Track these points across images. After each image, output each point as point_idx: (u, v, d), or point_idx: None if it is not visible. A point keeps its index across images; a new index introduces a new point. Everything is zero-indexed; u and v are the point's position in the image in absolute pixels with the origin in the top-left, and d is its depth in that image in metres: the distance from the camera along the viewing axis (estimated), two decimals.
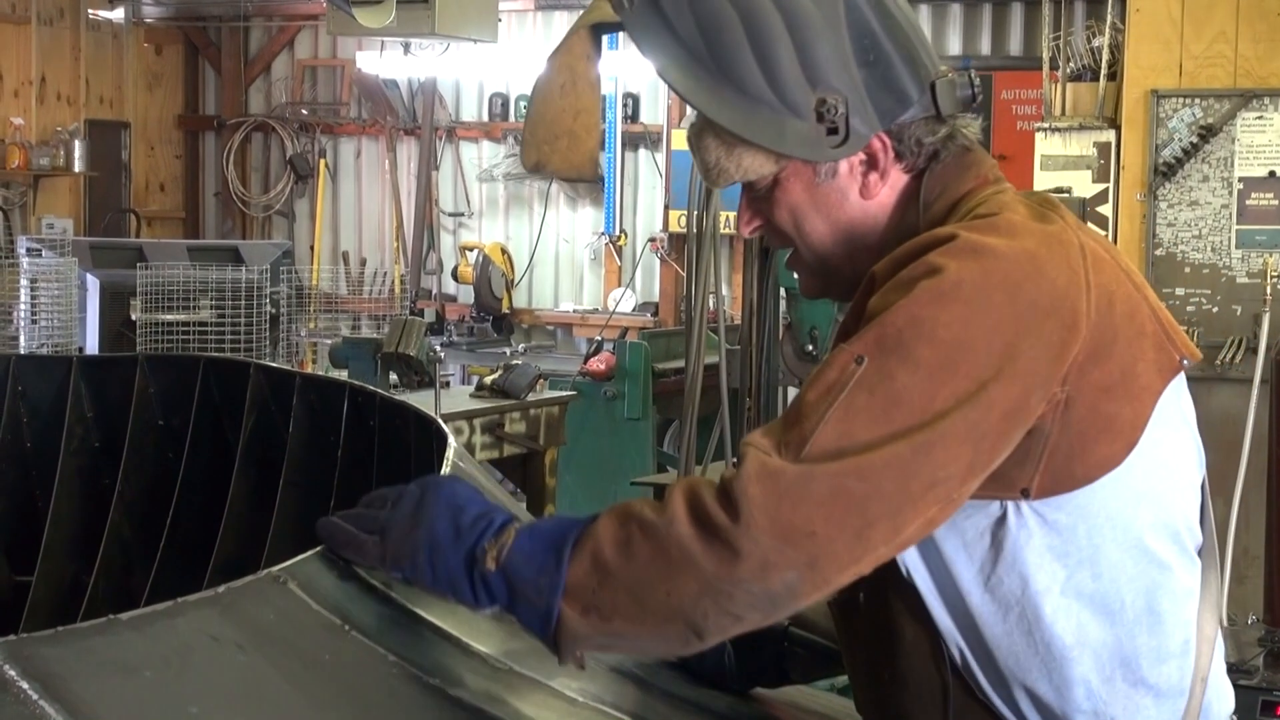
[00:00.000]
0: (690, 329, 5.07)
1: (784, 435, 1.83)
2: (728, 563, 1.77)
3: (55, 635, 1.53)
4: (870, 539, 1.80)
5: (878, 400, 1.82)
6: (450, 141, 13.23)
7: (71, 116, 12.99)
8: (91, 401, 4.07)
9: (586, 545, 1.82)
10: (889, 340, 1.84)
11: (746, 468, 1.81)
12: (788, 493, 1.78)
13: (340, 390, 3.65)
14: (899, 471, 1.80)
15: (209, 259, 8.14)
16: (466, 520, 1.87)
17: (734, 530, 1.77)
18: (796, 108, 1.98)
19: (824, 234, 2.08)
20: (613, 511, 1.86)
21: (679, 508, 1.80)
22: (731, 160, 2.03)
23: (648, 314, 12.16)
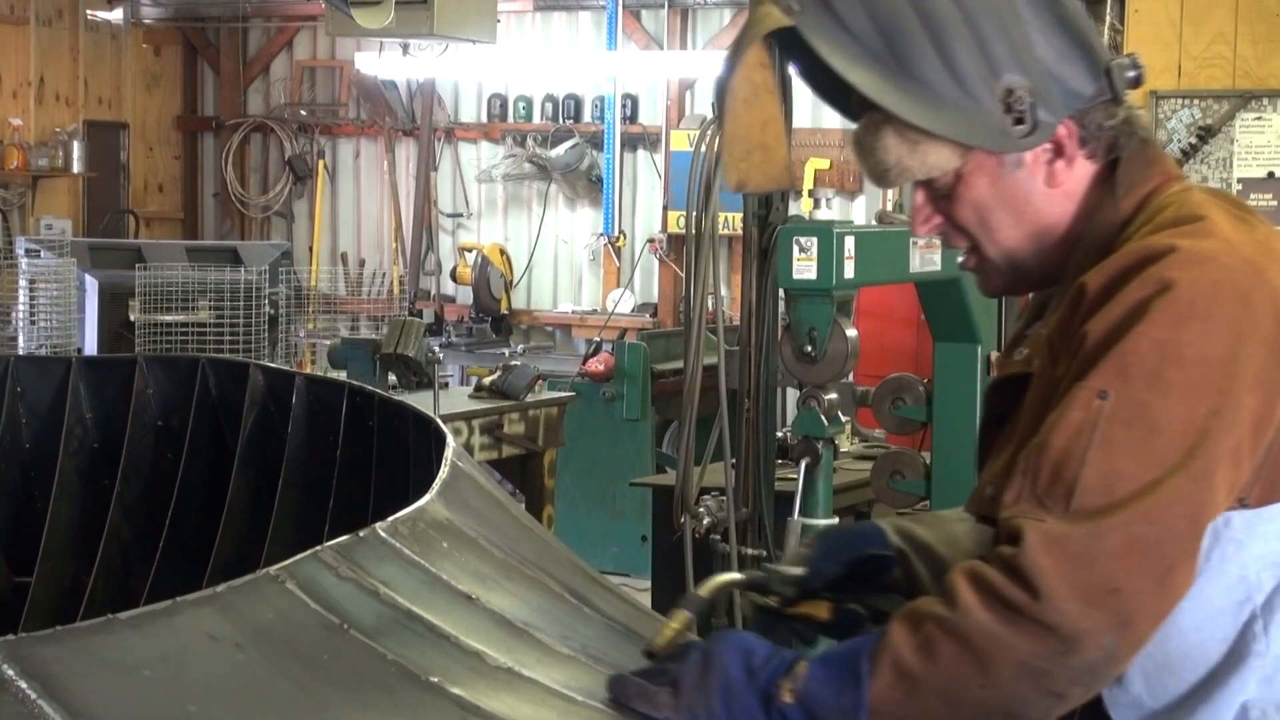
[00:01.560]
0: (689, 330, 5.07)
1: (1044, 489, 1.79)
2: (1041, 640, 1.73)
3: (54, 635, 1.53)
4: (1174, 582, 1.76)
5: (1137, 432, 1.77)
6: (449, 142, 13.23)
7: (70, 117, 12.99)
8: (90, 402, 4.07)
9: (884, 657, 1.79)
10: (1134, 368, 1.79)
11: (1028, 539, 1.75)
12: (1081, 555, 1.74)
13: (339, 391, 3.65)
14: (1185, 504, 1.76)
15: (208, 260, 8.15)
16: (758, 660, 1.86)
17: (1037, 607, 1.73)
18: (981, 99, 1.94)
19: (1011, 228, 2.03)
20: (900, 617, 1.82)
21: (968, 596, 1.76)
22: (915, 157, 1.98)
23: (646, 315, 12.16)
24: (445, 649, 1.94)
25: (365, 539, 2.03)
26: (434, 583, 2.07)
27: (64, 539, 4.04)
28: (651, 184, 12.37)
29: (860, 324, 4.96)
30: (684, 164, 7.31)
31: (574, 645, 2.14)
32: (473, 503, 2.43)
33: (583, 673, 2.06)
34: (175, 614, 1.64)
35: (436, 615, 1.97)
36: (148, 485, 3.99)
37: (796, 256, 4.43)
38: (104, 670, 1.53)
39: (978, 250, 2.06)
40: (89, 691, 1.49)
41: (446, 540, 2.20)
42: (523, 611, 2.15)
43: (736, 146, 2.06)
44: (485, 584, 2.16)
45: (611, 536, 8.91)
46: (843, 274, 4.43)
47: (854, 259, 4.47)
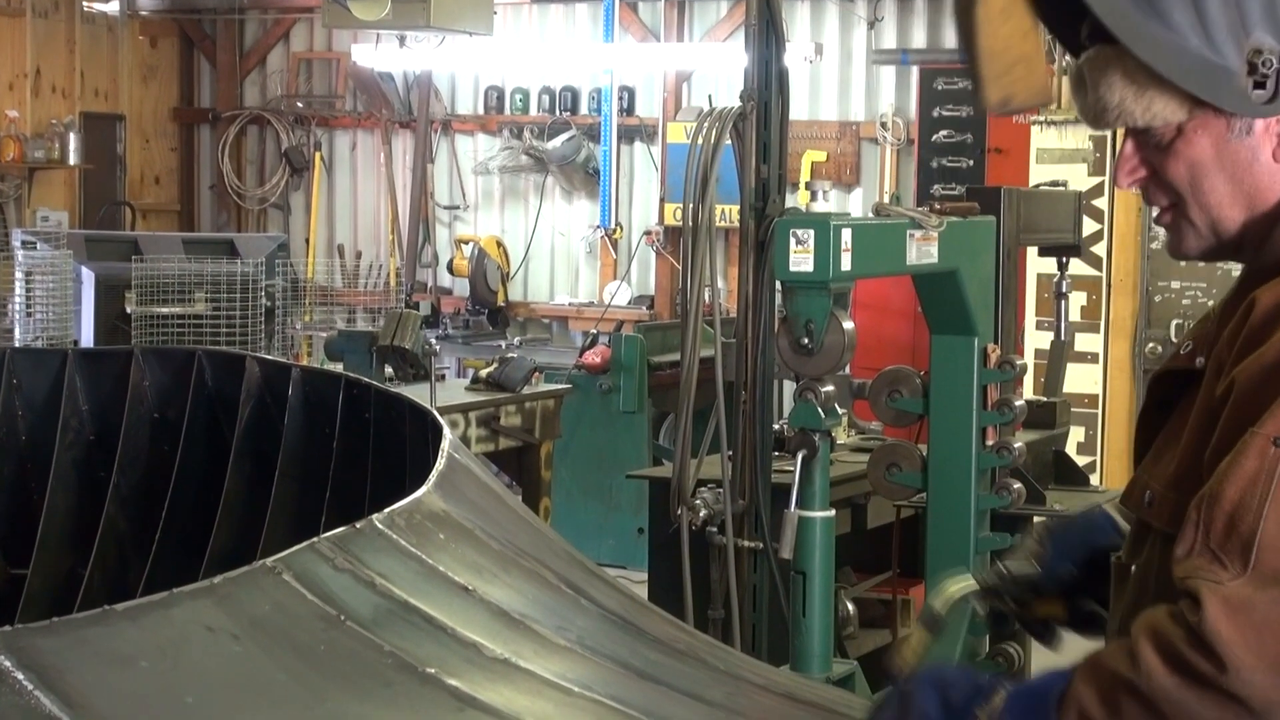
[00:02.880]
0: (686, 322, 5.07)
1: (1219, 544, 1.74)
2: (1229, 711, 1.70)
3: (51, 626, 1.53)
4: None
5: None
6: (445, 134, 13.22)
7: (66, 109, 12.97)
8: (87, 394, 4.07)
9: (1072, 708, 1.78)
10: None
11: (1209, 608, 1.71)
12: (1266, 623, 1.70)
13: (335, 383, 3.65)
14: None
15: (204, 252, 8.13)
16: (955, 695, 1.86)
17: (1225, 679, 1.70)
18: (1226, 55, 1.84)
19: (1224, 195, 1.92)
20: (1085, 672, 1.81)
21: (1151, 659, 1.74)
22: (1140, 102, 1.88)
23: (643, 307, 12.15)
24: (442, 640, 1.95)
25: (362, 530, 2.03)
26: (431, 574, 2.07)
27: (60, 531, 4.04)
28: (648, 176, 12.36)
29: (857, 316, 4.96)
30: (681, 156, 7.30)
31: (570, 637, 2.14)
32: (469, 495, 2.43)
33: (579, 664, 2.06)
34: (172, 605, 1.64)
35: (433, 607, 1.98)
36: (144, 477, 3.99)
37: (793, 249, 4.42)
38: (101, 661, 1.54)
39: (1180, 209, 1.96)
40: (86, 682, 1.49)
41: (443, 532, 2.20)
42: (519, 603, 2.15)
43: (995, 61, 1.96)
44: (482, 575, 2.16)
45: (608, 528, 8.91)
46: (840, 266, 4.43)
47: (851, 251, 4.46)
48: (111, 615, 1.58)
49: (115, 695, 1.51)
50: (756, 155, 5.04)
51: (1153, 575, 1.93)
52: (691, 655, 2.37)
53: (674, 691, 2.22)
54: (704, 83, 11.88)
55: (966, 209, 5.09)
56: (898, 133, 11.33)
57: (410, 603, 1.95)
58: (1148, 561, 1.96)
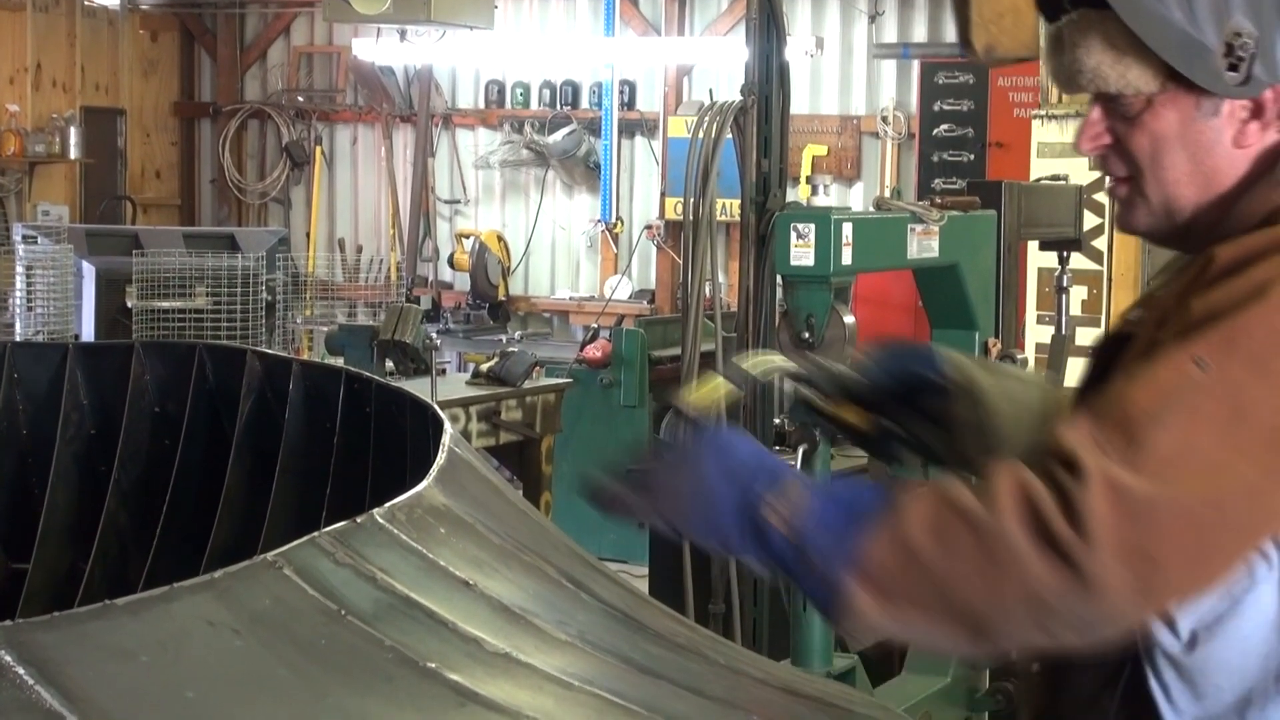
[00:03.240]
0: (686, 316, 5.07)
1: (1110, 434, 1.70)
2: (1066, 580, 1.65)
3: (51, 621, 1.53)
4: (1206, 572, 1.70)
5: (1225, 412, 1.68)
6: (446, 129, 13.22)
7: (67, 103, 12.97)
8: (87, 389, 4.07)
9: (892, 523, 1.72)
10: (1242, 347, 1.70)
11: (1093, 479, 1.67)
12: (1139, 516, 1.66)
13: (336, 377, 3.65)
14: (1250, 502, 1.68)
15: (205, 246, 8.14)
16: (738, 464, 1.80)
17: (1079, 549, 1.65)
18: (1206, 33, 1.85)
19: (1182, 174, 1.92)
20: (922, 493, 1.75)
21: (1009, 505, 1.69)
22: (1116, 68, 1.88)
23: (644, 301, 12.15)
24: (443, 635, 1.95)
25: (363, 525, 2.03)
26: (431, 569, 2.07)
27: (61, 525, 4.04)
28: (649, 170, 12.36)
29: (858, 311, 4.95)
30: (681, 150, 7.30)
31: (571, 631, 2.14)
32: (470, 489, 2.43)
33: (580, 658, 2.06)
34: (173, 600, 1.64)
35: (434, 601, 1.98)
36: (145, 472, 3.99)
37: (794, 243, 4.42)
38: (102, 656, 1.53)
39: (1136, 183, 1.96)
40: (87, 677, 1.49)
41: (444, 526, 2.20)
42: (520, 597, 2.15)
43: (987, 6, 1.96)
44: (483, 570, 2.16)
45: (609, 523, 8.90)
46: (840, 261, 4.43)
47: (852, 246, 4.46)
48: (112, 610, 1.58)
49: (116, 690, 1.51)
50: (757, 149, 5.04)
51: None
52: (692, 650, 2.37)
53: (675, 686, 2.22)
54: (705, 77, 11.88)
55: (967, 203, 5.09)
56: (899, 127, 11.33)
57: (411, 597, 1.95)
58: None
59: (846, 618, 1.74)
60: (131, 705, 1.52)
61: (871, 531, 1.73)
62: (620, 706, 2.00)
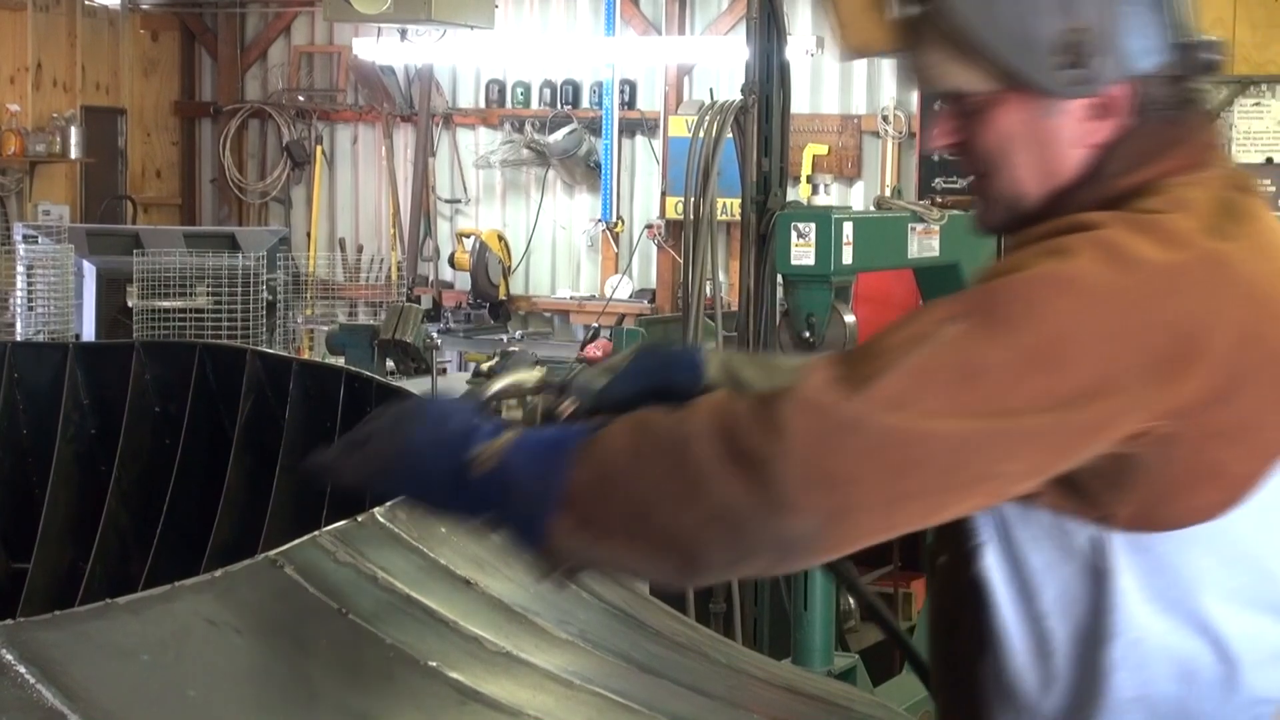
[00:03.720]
0: (687, 316, 5.07)
1: (848, 369, 1.67)
2: (749, 492, 1.60)
3: (53, 619, 1.53)
4: (903, 511, 1.66)
5: (958, 367, 1.66)
6: (447, 128, 13.21)
7: (68, 103, 12.97)
8: (88, 388, 4.07)
9: (593, 451, 1.67)
10: (992, 311, 1.68)
11: (797, 390, 1.64)
12: (833, 432, 1.61)
13: (337, 376, 3.65)
14: (955, 454, 1.64)
15: (205, 246, 8.14)
16: (451, 426, 1.73)
17: (766, 458, 1.60)
18: (1041, 30, 1.79)
19: (1029, 171, 1.87)
20: (627, 419, 1.70)
21: (705, 421, 1.65)
22: (955, 67, 1.84)
23: (644, 301, 12.15)
24: (444, 634, 1.95)
25: (363, 524, 2.03)
26: (432, 568, 2.07)
27: (62, 524, 4.05)
28: (650, 170, 12.36)
29: (859, 310, 4.95)
30: (682, 150, 7.30)
31: (572, 630, 2.14)
32: None
33: (581, 657, 2.06)
34: (173, 599, 1.64)
35: (435, 600, 1.98)
36: (145, 471, 3.99)
37: (795, 242, 4.42)
38: (103, 655, 1.54)
39: (987, 180, 1.92)
40: (88, 676, 1.49)
41: (444, 525, 2.20)
42: (521, 596, 2.15)
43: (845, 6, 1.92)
44: (483, 569, 2.16)
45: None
46: (841, 260, 4.43)
47: (852, 245, 4.46)
48: (113, 609, 1.58)
49: (117, 688, 1.51)
50: (758, 149, 5.03)
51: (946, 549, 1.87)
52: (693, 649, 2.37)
53: (676, 685, 2.22)
54: (705, 76, 11.87)
55: (968, 202, 5.09)
56: (899, 126, 11.32)
57: (412, 596, 1.95)
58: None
59: (551, 547, 1.67)
60: (133, 704, 1.52)
61: (573, 459, 1.67)
62: (621, 705, 2.00)
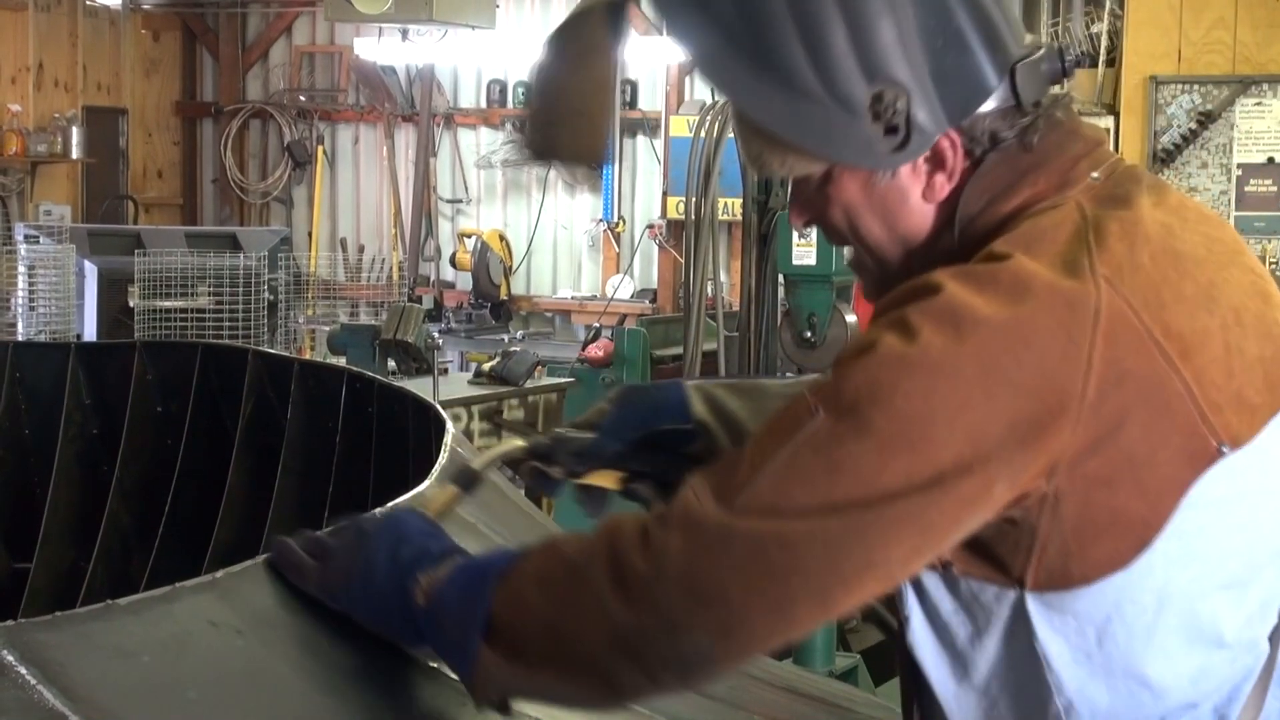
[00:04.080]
0: (689, 316, 5.07)
1: (723, 477, 1.65)
2: (636, 615, 1.61)
3: (53, 621, 1.53)
4: (793, 614, 1.62)
5: (820, 463, 1.61)
6: (448, 128, 13.22)
7: (69, 103, 12.97)
8: (90, 388, 4.07)
9: (512, 580, 1.68)
10: (844, 400, 1.62)
11: (672, 510, 1.64)
12: (707, 548, 1.61)
13: (338, 377, 3.65)
14: (827, 549, 1.60)
15: (207, 246, 8.15)
16: (406, 551, 1.74)
17: (646, 580, 1.61)
18: (849, 103, 1.69)
19: (880, 237, 1.81)
20: (544, 543, 1.72)
21: (600, 546, 1.65)
22: (775, 156, 1.76)
23: (646, 301, 12.16)
24: None
25: None
26: None
27: (63, 525, 4.04)
28: (651, 170, 12.36)
29: (860, 310, 4.96)
30: (683, 150, 7.30)
31: None
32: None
33: None
34: (175, 600, 1.64)
35: None
36: (147, 471, 3.99)
37: (796, 242, 4.42)
38: (104, 656, 1.53)
39: (855, 252, 1.87)
40: (89, 677, 1.49)
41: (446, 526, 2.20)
42: None
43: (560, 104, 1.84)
44: None
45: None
46: (842, 260, 4.43)
47: None
48: (114, 610, 1.58)
49: (118, 690, 1.51)
50: None
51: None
52: None
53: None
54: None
55: None
56: None
57: None
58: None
59: (478, 680, 1.68)
60: (134, 705, 1.52)
61: (493, 589, 1.67)
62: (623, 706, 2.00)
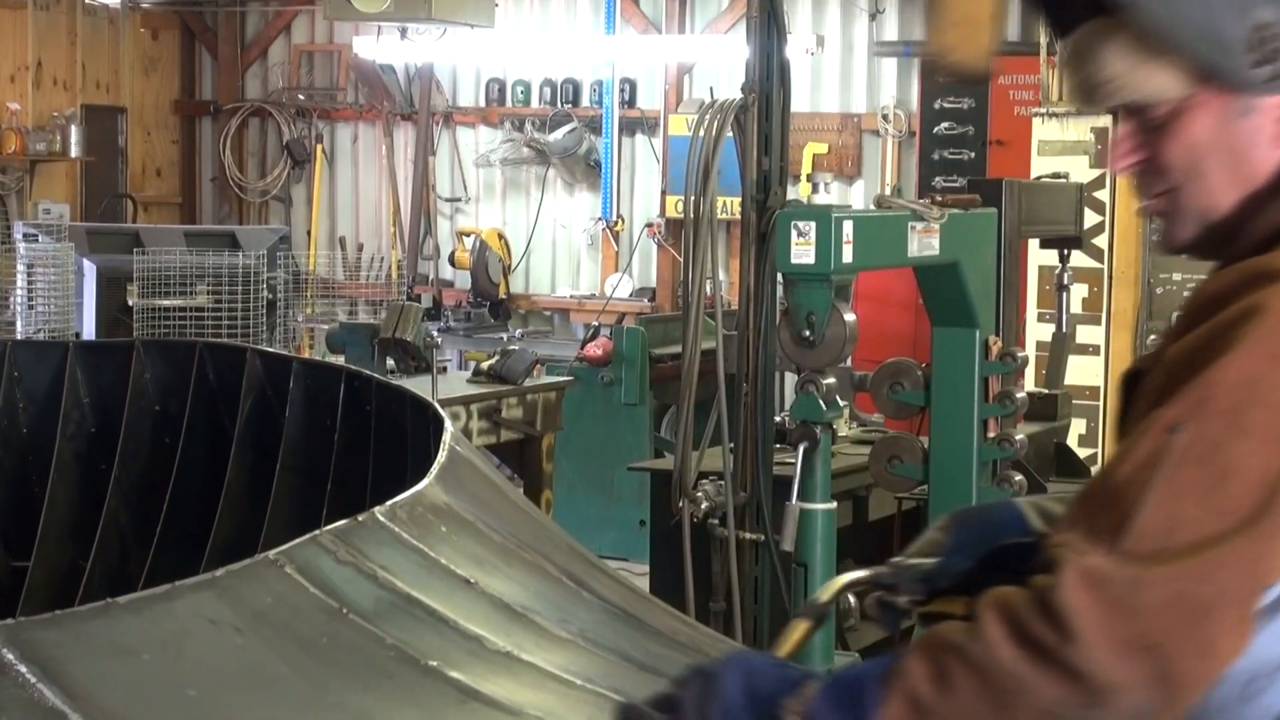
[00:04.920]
0: (687, 314, 5.07)
1: (1094, 520, 1.63)
2: (1068, 688, 1.58)
3: (53, 619, 1.53)
4: (1221, 648, 1.60)
5: (1207, 474, 1.60)
6: (447, 127, 13.21)
7: (68, 101, 12.96)
8: (88, 387, 4.07)
9: (896, 685, 1.66)
10: (1215, 403, 1.62)
11: (1066, 575, 1.60)
12: (1120, 602, 1.58)
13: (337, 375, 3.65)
14: (1246, 564, 1.59)
15: (206, 244, 8.14)
16: (760, 683, 1.73)
17: (1068, 650, 1.58)
18: (1226, 26, 1.72)
19: (1220, 181, 1.80)
20: (919, 644, 1.69)
21: (995, 629, 1.62)
22: (1137, 75, 1.76)
23: (645, 299, 12.15)
24: (444, 633, 1.95)
25: (364, 523, 2.03)
26: (432, 567, 2.07)
27: (62, 523, 4.05)
28: (650, 168, 12.35)
29: (858, 308, 4.96)
30: (682, 148, 7.30)
31: (572, 629, 2.14)
32: (471, 487, 2.44)
33: (581, 656, 2.07)
34: (174, 598, 1.65)
35: (435, 599, 1.98)
36: (145, 469, 3.99)
37: (795, 241, 4.42)
38: (103, 654, 1.54)
39: (1173, 196, 1.84)
40: (88, 675, 1.49)
41: (445, 524, 2.20)
42: (521, 595, 2.15)
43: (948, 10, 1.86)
44: (484, 568, 2.16)
45: (609, 521, 8.91)
46: (841, 258, 4.43)
47: (852, 243, 4.46)
48: (113, 608, 1.58)
49: (117, 688, 1.51)
50: (758, 147, 5.03)
51: None
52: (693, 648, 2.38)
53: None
54: (705, 75, 11.87)
55: (968, 201, 5.10)
56: (899, 125, 11.32)
57: (412, 595, 1.95)
58: None
59: None
60: (133, 703, 1.52)
61: (881, 699, 1.66)
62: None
